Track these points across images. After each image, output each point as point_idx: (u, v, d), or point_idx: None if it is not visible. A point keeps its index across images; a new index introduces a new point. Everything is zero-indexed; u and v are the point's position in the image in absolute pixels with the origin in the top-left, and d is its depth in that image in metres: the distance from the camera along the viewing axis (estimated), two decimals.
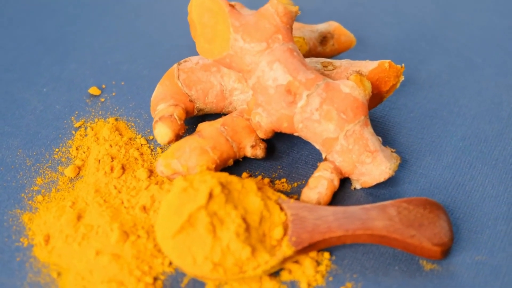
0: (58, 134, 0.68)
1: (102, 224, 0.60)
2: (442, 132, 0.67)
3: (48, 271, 0.58)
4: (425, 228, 0.58)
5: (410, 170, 0.64)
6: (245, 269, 0.56)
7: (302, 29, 0.70)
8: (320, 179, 0.61)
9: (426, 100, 0.70)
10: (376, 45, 0.76)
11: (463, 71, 0.73)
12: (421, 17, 0.79)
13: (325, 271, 0.58)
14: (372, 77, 0.65)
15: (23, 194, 0.63)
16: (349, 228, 0.58)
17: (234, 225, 0.56)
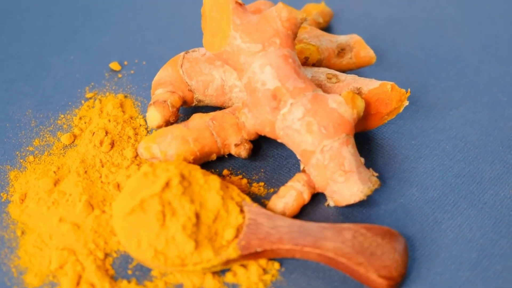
0: (68, 102, 0.71)
1: (73, 193, 0.62)
2: (438, 166, 0.65)
3: (15, 228, 0.61)
4: (376, 258, 0.57)
5: (391, 197, 0.63)
6: (186, 263, 0.57)
7: (321, 37, 0.69)
8: (290, 189, 0.61)
9: (433, 130, 0.68)
10: (401, 65, 0.74)
11: (484, 108, 0.70)
12: (459, 46, 0.76)
13: (269, 281, 0.58)
14: (371, 97, 0.64)
15: (17, 152, 0.67)
16: (299, 243, 0.57)
17: (184, 218, 0.57)
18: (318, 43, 0.68)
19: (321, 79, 0.66)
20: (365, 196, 0.60)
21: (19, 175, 0.65)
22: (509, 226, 0.61)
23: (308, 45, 0.67)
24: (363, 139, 0.67)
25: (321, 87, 0.65)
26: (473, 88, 0.71)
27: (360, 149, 0.66)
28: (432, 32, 0.77)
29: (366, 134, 0.67)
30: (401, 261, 0.57)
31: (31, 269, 0.59)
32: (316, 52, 0.67)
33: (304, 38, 0.69)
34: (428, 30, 0.77)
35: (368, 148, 0.66)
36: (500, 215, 0.62)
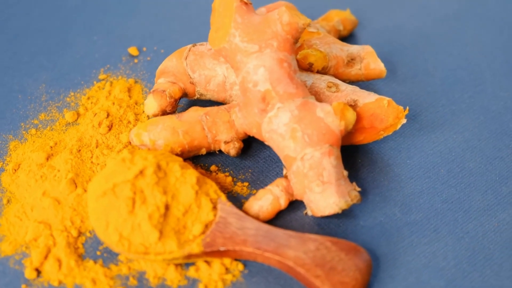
0: (81, 81, 0.73)
1: (62, 170, 0.64)
2: (427, 188, 0.64)
3: (2, 196, 0.64)
4: (335, 273, 0.56)
5: (371, 214, 0.62)
6: (149, 251, 0.57)
7: (332, 44, 0.68)
8: (267, 193, 0.61)
9: (432, 152, 0.66)
10: (416, 81, 0.72)
11: (491, 136, 0.68)
12: (481, 69, 0.74)
13: (229, 280, 0.58)
14: (367, 110, 0.63)
15: (22, 124, 0.69)
16: (261, 248, 0.57)
17: (153, 207, 0.57)
18: (327, 50, 0.68)
19: (321, 86, 0.65)
20: (340, 210, 0.59)
21: (19, 145, 0.67)
22: (485, 259, 0.59)
23: (315, 51, 0.67)
24: (358, 152, 0.66)
25: (320, 94, 0.65)
26: (484, 114, 0.69)
27: (352, 162, 0.65)
28: (456, 52, 0.75)
29: (362, 147, 0.66)
30: (361, 280, 0.56)
31: (8, 238, 0.61)
32: (322, 59, 0.67)
33: (314, 44, 0.68)
34: (453, 49, 0.75)
35: (361, 161, 0.65)
36: (479, 248, 0.60)
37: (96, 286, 0.58)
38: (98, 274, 0.58)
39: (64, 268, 0.59)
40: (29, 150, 0.66)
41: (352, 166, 0.65)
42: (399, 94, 0.70)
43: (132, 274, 0.59)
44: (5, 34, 0.77)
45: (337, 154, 0.60)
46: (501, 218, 0.62)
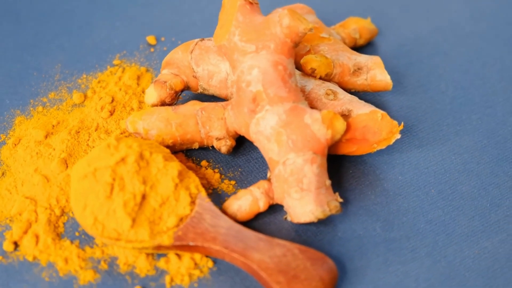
0: (96, 64, 0.74)
1: (57, 149, 0.65)
2: (414, 207, 0.63)
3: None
4: (297, 282, 0.56)
5: (351, 227, 0.61)
6: (121, 238, 0.58)
7: (341, 52, 0.68)
8: (248, 193, 0.61)
9: (426, 170, 0.65)
10: (425, 97, 0.71)
11: (491, 161, 0.66)
12: (495, 91, 0.72)
13: (196, 276, 0.59)
14: (359, 122, 0.62)
15: (31, 100, 0.71)
16: (228, 247, 0.58)
17: (129, 195, 0.58)
18: (334, 57, 0.67)
19: (319, 93, 0.65)
20: (316, 219, 0.59)
21: (24, 121, 0.69)
22: (458, 286, 0.58)
23: (319, 57, 0.66)
24: (350, 162, 0.65)
25: (317, 101, 0.65)
26: (489, 138, 0.67)
27: (342, 172, 0.64)
28: (473, 72, 0.73)
29: (355, 158, 0.65)
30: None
31: None
32: (325, 65, 0.66)
33: (322, 50, 0.68)
34: (470, 68, 0.73)
35: (351, 172, 0.65)
36: (454, 273, 0.59)
37: (67, 265, 0.59)
38: (72, 254, 0.60)
39: (41, 244, 0.60)
40: (31, 127, 0.68)
41: (342, 176, 0.64)
42: (406, 108, 0.69)
43: (105, 258, 0.60)
44: (32, 12, 0.79)
45: (321, 163, 0.60)
46: (483, 246, 0.60)
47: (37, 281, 0.59)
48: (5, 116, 0.70)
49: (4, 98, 0.71)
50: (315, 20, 0.71)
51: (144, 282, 0.58)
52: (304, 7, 0.73)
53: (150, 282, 0.58)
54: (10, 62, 0.74)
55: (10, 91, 0.72)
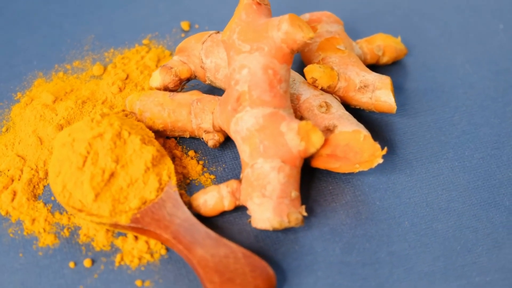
0: (126, 41, 0.76)
1: (59, 115, 0.68)
2: (380, 236, 0.61)
3: (5, 124, 0.69)
4: (231, 285, 0.56)
5: (311, 243, 0.61)
6: (83, 210, 0.60)
7: (351, 66, 0.67)
8: (215, 190, 0.62)
9: (408, 201, 0.63)
10: (433, 124, 0.68)
11: (478, 204, 0.63)
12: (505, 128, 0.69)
13: (146, 260, 0.60)
14: (341, 139, 0.61)
15: (56, 65, 0.74)
16: (176, 238, 0.59)
17: (98, 170, 0.60)
18: (341, 70, 0.66)
19: (313, 103, 0.64)
20: (272, 228, 0.59)
21: (42, 84, 0.72)
22: None
23: (323, 67, 0.65)
24: (332, 178, 0.64)
25: (309, 111, 0.64)
26: (486, 180, 0.64)
27: (321, 187, 0.64)
28: (493, 109, 0.70)
29: (338, 175, 0.64)
30: None
31: None
32: (328, 76, 0.65)
33: (331, 61, 0.67)
34: (491, 105, 0.70)
35: (330, 189, 0.64)
36: None
37: (33, 226, 0.62)
38: (40, 216, 0.62)
39: (16, 201, 0.63)
40: (46, 91, 0.71)
41: (320, 191, 0.64)
42: (409, 134, 0.67)
43: (69, 226, 0.62)
44: None
45: (290, 173, 0.60)
46: None
47: (2, 235, 0.61)
48: (28, 76, 0.73)
49: (33, 59, 0.74)
50: (338, 30, 0.70)
51: (95, 256, 0.60)
52: (330, 16, 0.72)
53: (101, 257, 0.60)
54: (49, 27, 0.78)
55: (40, 53, 0.75)
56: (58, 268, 0.59)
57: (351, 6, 0.79)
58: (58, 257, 0.60)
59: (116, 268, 0.59)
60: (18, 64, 0.74)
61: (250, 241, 0.61)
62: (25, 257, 0.60)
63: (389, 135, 0.67)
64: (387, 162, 0.65)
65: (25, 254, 0.60)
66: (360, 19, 0.78)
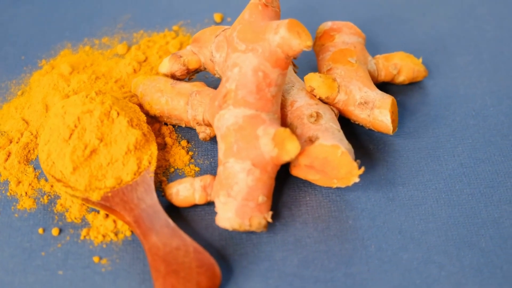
0: (157, 25, 0.78)
1: (71, 86, 0.71)
2: (341, 255, 0.60)
3: (22, 87, 0.72)
4: (173, 277, 0.57)
5: (271, 250, 0.60)
6: (61, 180, 0.62)
7: (355, 81, 0.65)
8: (189, 182, 0.62)
9: (381, 225, 0.61)
10: (434, 154, 0.66)
11: (454, 245, 0.61)
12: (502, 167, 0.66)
13: (109, 239, 0.61)
14: (320, 152, 0.61)
15: (86, 39, 0.77)
16: (137, 222, 0.60)
17: (81, 145, 0.62)
18: (344, 83, 0.65)
19: (305, 112, 0.64)
20: (231, 228, 0.59)
21: (67, 55, 0.75)
22: None
23: (323, 78, 0.65)
24: (313, 190, 0.64)
25: (298, 119, 0.64)
26: (473, 208, 0.62)
27: (299, 197, 0.63)
28: (501, 146, 0.67)
29: (318, 188, 0.64)
30: None
31: None
32: (327, 87, 0.65)
33: (336, 73, 0.66)
34: (498, 142, 0.67)
35: (307, 200, 0.63)
36: None
37: (17, 188, 0.65)
38: (26, 180, 0.65)
39: (8, 162, 0.66)
40: (67, 61, 0.74)
41: (296, 200, 0.63)
42: (403, 158, 0.66)
43: (49, 194, 0.64)
44: None
45: (259, 177, 0.59)
46: None
47: None
48: (57, 45, 0.76)
49: (66, 30, 0.77)
50: (355, 42, 0.69)
51: (65, 226, 0.62)
52: (352, 27, 0.70)
53: (69, 228, 0.62)
54: (89, 1, 0.80)
55: (74, 25, 0.78)
56: (28, 232, 0.62)
57: (385, 20, 0.78)
58: (31, 222, 0.62)
59: (80, 241, 0.61)
60: (50, 32, 0.77)
61: (213, 238, 0.61)
62: (1, 216, 0.63)
63: (383, 155, 0.66)
64: (372, 182, 0.64)
65: (1, 214, 0.63)
66: (391, 35, 0.76)
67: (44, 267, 0.60)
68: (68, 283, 0.59)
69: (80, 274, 0.59)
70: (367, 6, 0.80)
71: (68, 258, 0.60)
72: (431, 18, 0.78)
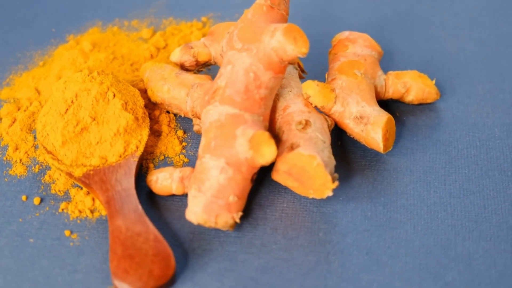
0: (188, 14, 0.79)
1: (88, 63, 0.73)
2: (301, 267, 0.59)
3: (45, 59, 0.75)
4: (128, 261, 0.57)
5: (235, 250, 0.60)
6: (51, 152, 0.65)
7: (355, 95, 0.64)
8: (169, 172, 0.63)
9: (350, 242, 0.61)
10: (423, 181, 0.65)
11: (427, 271, 0.59)
12: (491, 193, 0.63)
13: (84, 215, 0.63)
14: (298, 160, 0.60)
15: (117, 19, 0.79)
16: (108, 203, 0.61)
17: (73, 121, 0.64)
18: (343, 94, 0.65)
19: (295, 119, 0.63)
20: (196, 223, 0.60)
21: (94, 33, 0.78)
22: None
23: (320, 87, 0.64)
24: (293, 197, 0.63)
25: (287, 125, 0.64)
26: (449, 240, 0.60)
27: (276, 203, 0.63)
28: (496, 182, 0.64)
29: (298, 196, 0.63)
30: (143, 283, 0.57)
31: (13, 88, 0.72)
32: (323, 96, 0.64)
33: (337, 83, 0.65)
34: (498, 176, 0.64)
35: (284, 207, 0.63)
36: None
37: (13, 154, 0.67)
38: (23, 147, 0.67)
39: (12, 128, 0.68)
40: (91, 39, 0.76)
41: (273, 204, 0.63)
42: (391, 178, 0.64)
43: (42, 164, 0.66)
44: None
45: (232, 177, 0.60)
46: None
47: None
48: (88, 22, 0.78)
49: (100, 8, 0.80)
50: (366, 55, 0.68)
51: (47, 197, 0.64)
52: (367, 39, 0.69)
53: (50, 200, 0.64)
54: None
55: (108, 5, 0.81)
56: (12, 198, 0.64)
57: (413, 37, 0.76)
58: (18, 188, 0.65)
59: (57, 213, 0.63)
60: (84, 9, 0.79)
61: (183, 230, 0.62)
62: None
63: (372, 173, 0.65)
64: (354, 198, 0.63)
65: None
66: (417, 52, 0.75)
67: (18, 233, 0.62)
68: (35, 251, 0.61)
69: (48, 244, 0.61)
70: (394, 21, 0.78)
71: (42, 228, 0.62)
72: (461, 40, 0.76)
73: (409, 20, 0.79)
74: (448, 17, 0.79)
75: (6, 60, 0.76)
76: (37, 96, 0.71)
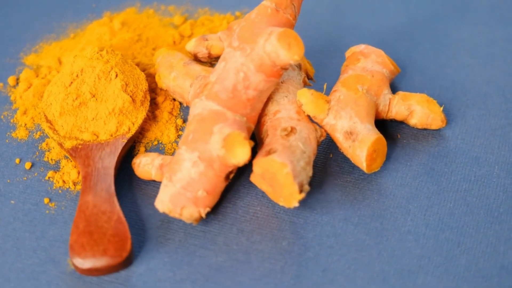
0: (224, 6, 0.80)
1: (111, 41, 0.75)
2: (258, 276, 0.59)
3: (78, 32, 0.78)
4: (87, 237, 0.59)
5: (198, 249, 0.61)
6: (49, 121, 0.67)
7: (350, 109, 0.63)
8: (151, 157, 0.64)
9: (313, 255, 0.60)
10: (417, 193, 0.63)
11: None
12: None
13: (67, 186, 0.64)
14: (271, 166, 0.60)
15: (155, 3, 0.81)
16: (85, 177, 0.63)
17: (73, 95, 0.66)
18: (337, 107, 0.64)
19: (282, 124, 0.63)
20: (162, 211, 0.61)
21: (131, 14, 0.79)
22: None
23: (313, 96, 0.64)
24: (269, 202, 0.63)
25: (272, 129, 0.63)
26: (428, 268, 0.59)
27: (251, 205, 0.63)
28: (490, 217, 0.62)
29: (274, 205, 0.63)
30: (98, 260, 0.58)
31: (38, 55, 0.76)
32: (315, 105, 0.64)
33: (335, 95, 0.65)
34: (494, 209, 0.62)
35: (257, 210, 0.63)
36: None
37: (21, 117, 0.70)
38: (32, 112, 0.70)
39: (26, 93, 0.71)
40: (124, 18, 0.78)
41: (246, 205, 0.63)
42: (373, 200, 0.63)
43: (43, 131, 0.69)
44: None
45: (204, 172, 0.60)
46: None
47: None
48: (127, 2, 0.80)
49: None
50: (374, 71, 0.66)
51: (38, 163, 0.66)
52: (381, 55, 0.67)
53: (40, 167, 0.66)
54: None
55: None
56: (6, 159, 0.67)
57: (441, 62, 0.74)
58: (15, 151, 0.68)
59: (43, 180, 0.65)
60: None
61: (154, 216, 0.62)
62: None
63: (354, 191, 0.63)
64: (327, 213, 0.62)
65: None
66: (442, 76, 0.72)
67: (1, 193, 0.64)
68: (13, 212, 0.63)
69: (26, 208, 0.63)
70: (425, 41, 0.76)
71: (25, 192, 0.64)
72: (490, 70, 0.73)
73: (440, 43, 0.76)
74: (483, 44, 0.76)
75: (42, 27, 0.79)
76: (57, 66, 0.73)
